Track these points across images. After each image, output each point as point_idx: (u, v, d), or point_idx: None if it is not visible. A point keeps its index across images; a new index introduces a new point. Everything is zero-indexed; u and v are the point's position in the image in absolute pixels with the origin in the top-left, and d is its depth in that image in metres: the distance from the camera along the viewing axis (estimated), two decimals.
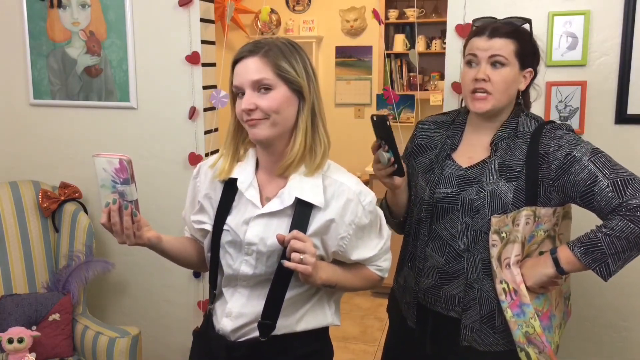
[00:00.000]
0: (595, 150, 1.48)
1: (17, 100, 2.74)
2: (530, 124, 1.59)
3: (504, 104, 1.57)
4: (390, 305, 1.85)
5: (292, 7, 5.10)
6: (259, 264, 1.37)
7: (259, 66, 1.30)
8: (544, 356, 1.52)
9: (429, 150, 1.69)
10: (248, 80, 1.30)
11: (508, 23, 1.56)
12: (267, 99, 1.30)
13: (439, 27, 4.57)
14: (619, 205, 1.41)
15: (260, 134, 1.32)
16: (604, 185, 1.43)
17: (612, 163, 1.47)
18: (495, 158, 1.56)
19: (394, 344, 1.82)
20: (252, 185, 1.39)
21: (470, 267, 1.56)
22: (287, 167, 1.35)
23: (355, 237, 1.39)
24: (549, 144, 1.52)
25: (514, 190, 1.52)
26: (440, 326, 1.64)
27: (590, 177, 1.44)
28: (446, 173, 1.61)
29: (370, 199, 1.39)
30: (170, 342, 2.72)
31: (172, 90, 2.53)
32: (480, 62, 1.54)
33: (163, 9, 2.48)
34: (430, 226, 1.62)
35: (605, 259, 1.43)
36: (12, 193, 2.54)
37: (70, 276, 2.45)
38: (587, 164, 1.45)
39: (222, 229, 1.40)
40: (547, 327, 1.54)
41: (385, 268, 1.50)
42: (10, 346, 2.20)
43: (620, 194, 1.42)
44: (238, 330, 1.41)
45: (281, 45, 1.33)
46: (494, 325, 1.56)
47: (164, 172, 2.60)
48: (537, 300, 1.53)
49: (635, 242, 1.41)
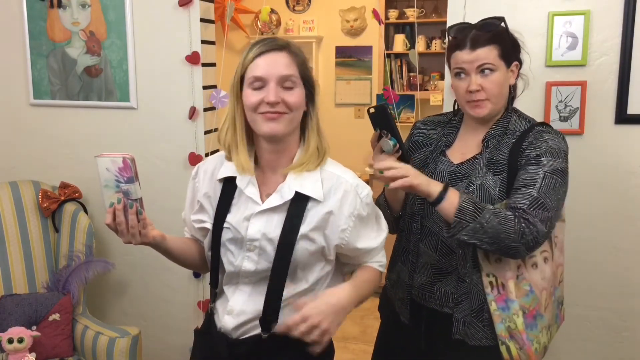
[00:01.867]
0: (558, 171, 1.49)
1: (17, 100, 2.74)
2: (522, 123, 1.61)
3: (501, 104, 1.60)
4: (382, 303, 1.86)
5: (292, 7, 5.10)
6: (260, 260, 1.38)
7: (288, 62, 1.33)
8: (524, 353, 1.54)
9: (425, 147, 1.72)
10: (276, 74, 1.31)
11: (485, 27, 1.57)
12: (293, 95, 1.33)
13: (439, 27, 4.58)
14: (522, 210, 1.43)
15: (278, 128, 1.33)
16: (529, 192, 1.45)
17: (557, 189, 1.47)
18: (485, 154, 1.59)
19: (386, 341, 1.83)
20: (250, 182, 1.40)
21: (462, 261, 1.58)
22: (297, 166, 1.37)
23: (356, 229, 1.41)
24: (531, 141, 1.54)
25: (499, 183, 1.54)
26: (434, 321, 1.65)
27: (531, 182, 1.47)
28: (439, 169, 1.65)
29: (367, 192, 1.42)
30: (170, 342, 2.72)
31: (172, 90, 2.53)
32: (470, 74, 1.55)
33: (163, 9, 2.48)
34: (422, 222, 1.65)
35: (468, 223, 1.42)
36: (12, 193, 2.54)
37: (70, 276, 2.45)
38: (539, 173, 1.47)
39: (222, 227, 1.41)
40: (531, 325, 1.55)
41: (384, 263, 1.54)
42: (10, 346, 2.20)
43: (530, 207, 1.44)
44: (240, 327, 1.42)
45: (298, 46, 1.38)
46: (482, 318, 1.58)
47: (164, 172, 2.60)
48: (526, 298, 1.55)
49: (494, 237, 1.42)
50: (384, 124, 1.52)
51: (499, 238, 1.43)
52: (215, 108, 2.55)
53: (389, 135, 1.52)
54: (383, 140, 1.53)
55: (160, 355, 2.74)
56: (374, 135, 1.56)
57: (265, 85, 1.31)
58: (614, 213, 2.11)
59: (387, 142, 1.52)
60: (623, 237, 2.12)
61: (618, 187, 2.10)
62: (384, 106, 1.51)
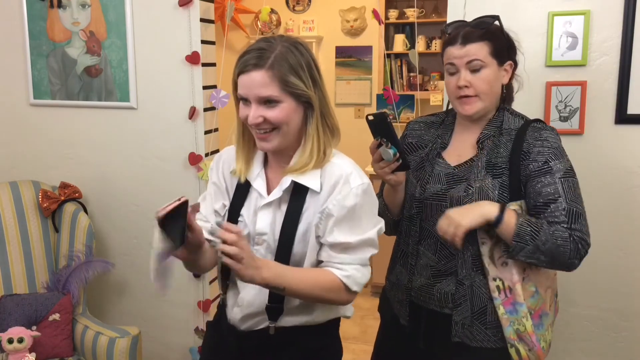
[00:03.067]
0: (568, 171, 1.53)
1: (17, 100, 2.74)
2: (515, 121, 1.61)
3: (492, 102, 1.60)
4: (382, 304, 1.86)
5: (292, 7, 5.10)
6: (267, 254, 1.39)
7: (265, 81, 1.28)
8: (533, 354, 1.55)
9: (420, 149, 1.72)
10: (254, 95, 1.30)
11: (478, 24, 1.58)
12: (275, 112, 1.30)
13: (439, 27, 4.57)
14: (569, 228, 1.48)
15: (269, 146, 1.35)
16: (561, 207, 1.49)
17: (576, 190, 1.53)
18: (482, 156, 1.59)
19: (385, 342, 1.83)
20: (259, 176, 1.42)
21: (460, 263, 1.58)
22: (294, 170, 1.36)
23: (334, 217, 1.33)
24: (533, 144, 1.54)
25: (499, 186, 1.54)
26: (433, 323, 1.65)
27: (554, 194, 1.50)
28: (436, 171, 1.64)
29: (360, 183, 1.34)
30: (170, 342, 2.72)
31: (172, 90, 2.53)
32: (460, 70, 1.56)
33: (163, 9, 2.48)
34: (421, 224, 1.64)
35: (527, 245, 1.47)
36: (12, 193, 2.54)
37: (70, 276, 2.45)
38: (557, 182, 1.50)
39: (237, 219, 1.43)
40: (538, 325, 1.56)
41: (353, 277, 1.35)
42: (10, 346, 2.20)
43: (570, 222, 1.49)
44: (247, 319, 1.43)
45: (286, 52, 1.30)
46: (485, 321, 1.57)
47: (164, 172, 2.60)
48: (532, 299, 1.55)
49: (552, 256, 1.48)
50: (384, 132, 1.51)
51: (556, 257, 1.48)
52: (215, 108, 2.55)
53: (389, 144, 1.51)
54: (383, 150, 1.52)
55: (160, 355, 2.74)
56: (374, 142, 1.55)
57: (251, 103, 1.32)
58: (614, 213, 2.11)
59: (387, 151, 1.51)
60: (623, 237, 2.12)
61: (618, 187, 2.10)
62: (384, 114, 1.48)
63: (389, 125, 1.49)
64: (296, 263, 1.38)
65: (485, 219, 1.48)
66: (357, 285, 1.37)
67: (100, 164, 2.69)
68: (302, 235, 1.37)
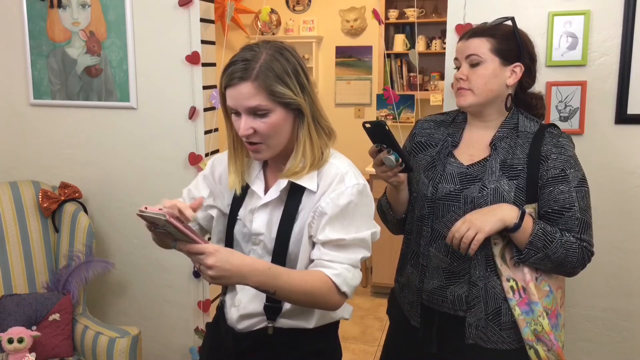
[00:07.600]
0: (582, 181, 1.56)
1: (17, 100, 2.74)
2: (531, 124, 1.61)
3: (487, 99, 1.59)
4: (391, 306, 1.84)
5: (292, 7, 5.10)
6: (265, 254, 1.39)
7: (252, 93, 1.27)
8: (552, 354, 1.54)
9: (430, 148, 1.70)
10: (243, 107, 1.29)
11: (492, 22, 1.61)
12: (265, 123, 1.30)
13: (439, 27, 4.57)
14: (580, 239, 1.52)
15: (260, 157, 1.37)
16: (574, 216, 1.52)
17: (587, 199, 1.56)
18: (496, 156, 1.58)
19: (396, 343, 1.81)
20: (258, 177, 1.43)
21: (473, 264, 1.56)
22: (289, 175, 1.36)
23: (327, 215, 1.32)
24: (551, 150, 1.55)
25: (515, 188, 1.54)
26: (446, 325, 1.63)
27: (570, 203, 1.52)
28: (448, 170, 1.62)
29: (355, 183, 1.33)
30: (170, 342, 2.72)
31: (172, 90, 2.53)
32: (462, 63, 1.60)
33: (163, 9, 2.48)
34: (432, 225, 1.62)
35: (538, 251, 1.49)
36: (12, 193, 2.54)
37: (70, 276, 2.45)
38: (572, 190, 1.53)
39: (235, 219, 1.44)
40: (555, 325, 1.56)
41: (343, 276, 1.31)
42: (10, 346, 2.20)
43: (580, 232, 1.53)
44: (244, 319, 1.43)
45: (271, 60, 1.28)
46: (500, 322, 1.56)
47: (164, 172, 2.60)
48: (547, 298, 1.55)
49: (559, 264, 1.51)
50: (383, 139, 1.51)
51: (563, 265, 1.52)
52: (215, 108, 2.55)
53: (390, 150, 1.51)
54: (384, 157, 1.52)
55: (160, 355, 2.74)
56: (373, 148, 1.55)
57: (241, 114, 1.31)
58: (614, 213, 2.11)
59: (389, 158, 1.51)
60: (623, 237, 2.12)
61: (618, 187, 2.10)
62: (382, 123, 1.48)
63: (388, 133, 1.48)
64: (291, 263, 1.38)
65: (505, 225, 1.48)
66: (348, 287, 1.32)
67: (100, 164, 2.69)
68: (298, 235, 1.37)
